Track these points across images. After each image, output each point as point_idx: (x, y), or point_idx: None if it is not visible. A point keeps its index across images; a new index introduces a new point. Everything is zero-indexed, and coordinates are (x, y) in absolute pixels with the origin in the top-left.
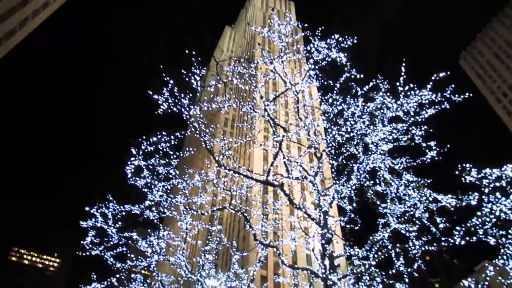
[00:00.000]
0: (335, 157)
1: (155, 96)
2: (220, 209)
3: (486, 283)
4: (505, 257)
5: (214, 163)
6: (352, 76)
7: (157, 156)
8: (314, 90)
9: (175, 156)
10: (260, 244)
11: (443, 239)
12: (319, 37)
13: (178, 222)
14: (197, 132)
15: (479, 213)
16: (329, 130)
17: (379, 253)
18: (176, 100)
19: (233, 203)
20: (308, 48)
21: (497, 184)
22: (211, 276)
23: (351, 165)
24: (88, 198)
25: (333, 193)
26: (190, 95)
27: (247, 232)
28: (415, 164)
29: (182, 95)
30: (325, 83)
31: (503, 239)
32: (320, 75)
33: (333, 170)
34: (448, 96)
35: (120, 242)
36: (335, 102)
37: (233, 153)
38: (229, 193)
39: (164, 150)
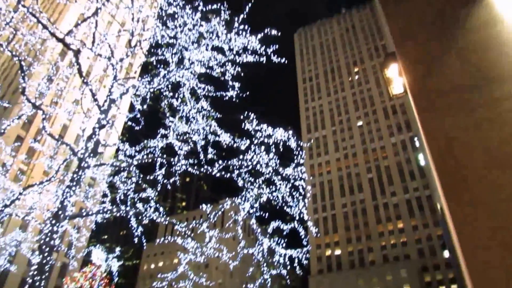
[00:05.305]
0: (149, 54)
1: None
2: None
3: (220, 212)
4: (243, 198)
5: None
6: None
7: None
8: None
9: None
10: (27, 101)
11: (205, 166)
12: None
13: None
14: None
15: (241, 157)
16: (156, 26)
17: (145, 157)
18: None
19: (14, 45)
20: None
21: (266, 140)
22: None
23: (159, 68)
24: None
25: (129, 87)
26: None
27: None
28: (214, 95)
29: None
30: None
31: (248, 184)
32: None
33: (141, 65)
34: (269, 52)
35: None
36: (175, 3)
37: None
38: (13, 31)
39: None
